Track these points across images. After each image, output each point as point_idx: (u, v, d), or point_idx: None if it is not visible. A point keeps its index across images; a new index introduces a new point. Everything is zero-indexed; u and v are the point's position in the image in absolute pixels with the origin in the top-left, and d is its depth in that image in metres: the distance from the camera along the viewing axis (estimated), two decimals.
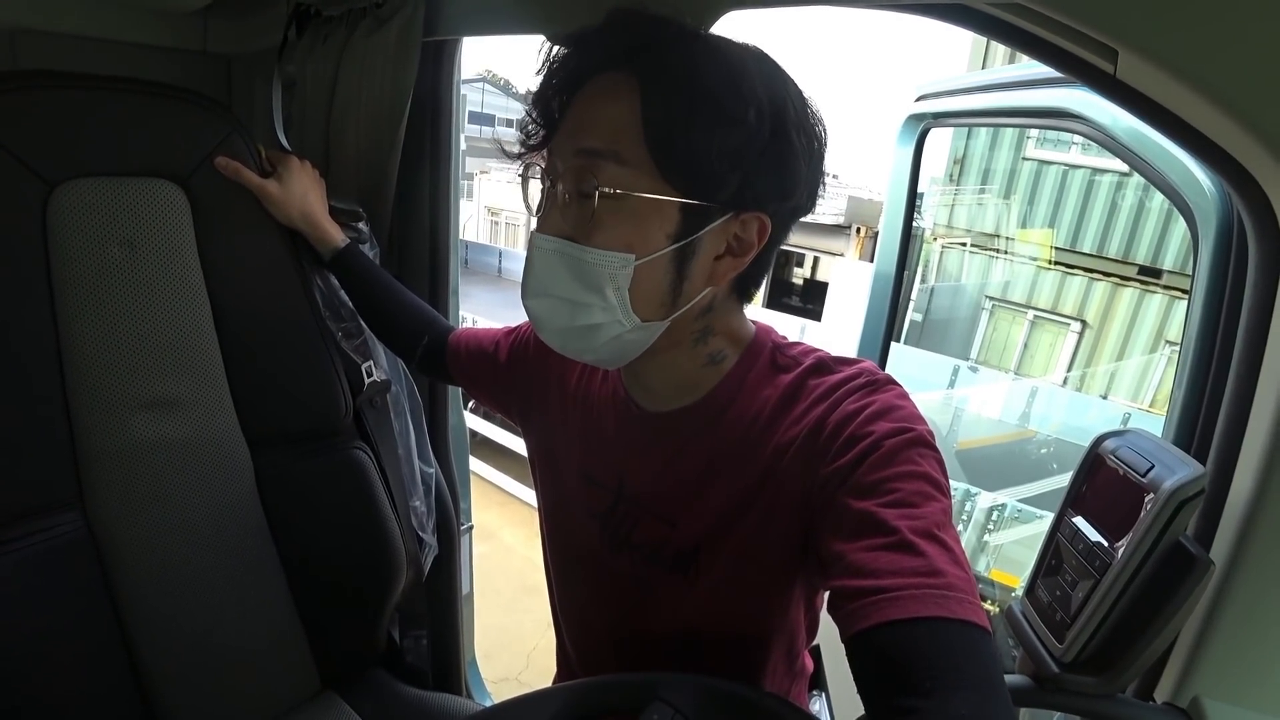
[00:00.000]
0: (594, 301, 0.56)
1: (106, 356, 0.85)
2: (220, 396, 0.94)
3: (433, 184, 1.17)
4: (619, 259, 0.55)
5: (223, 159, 0.89)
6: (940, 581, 0.43)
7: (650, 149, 0.53)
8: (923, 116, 1.38)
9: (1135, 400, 5.44)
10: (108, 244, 0.83)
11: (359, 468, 1.03)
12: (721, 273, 0.58)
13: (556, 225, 0.57)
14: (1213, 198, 0.71)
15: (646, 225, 0.55)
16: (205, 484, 0.94)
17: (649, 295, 0.57)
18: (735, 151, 0.53)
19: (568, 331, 0.60)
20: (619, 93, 0.54)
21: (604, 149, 0.54)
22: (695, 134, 0.52)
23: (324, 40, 1.13)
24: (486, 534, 5.19)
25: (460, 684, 1.43)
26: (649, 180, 0.54)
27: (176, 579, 0.92)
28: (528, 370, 0.80)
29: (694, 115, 0.52)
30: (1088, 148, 5.50)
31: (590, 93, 0.56)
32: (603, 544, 0.69)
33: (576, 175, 0.55)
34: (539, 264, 0.58)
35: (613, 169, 0.54)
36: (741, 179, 0.54)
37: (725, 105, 0.52)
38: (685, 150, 0.53)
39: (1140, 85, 0.51)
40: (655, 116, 0.53)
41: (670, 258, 0.56)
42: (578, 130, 0.56)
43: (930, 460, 0.51)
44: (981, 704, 0.39)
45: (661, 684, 0.53)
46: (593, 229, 0.55)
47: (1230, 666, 0.59)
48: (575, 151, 0.55)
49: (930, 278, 6.17)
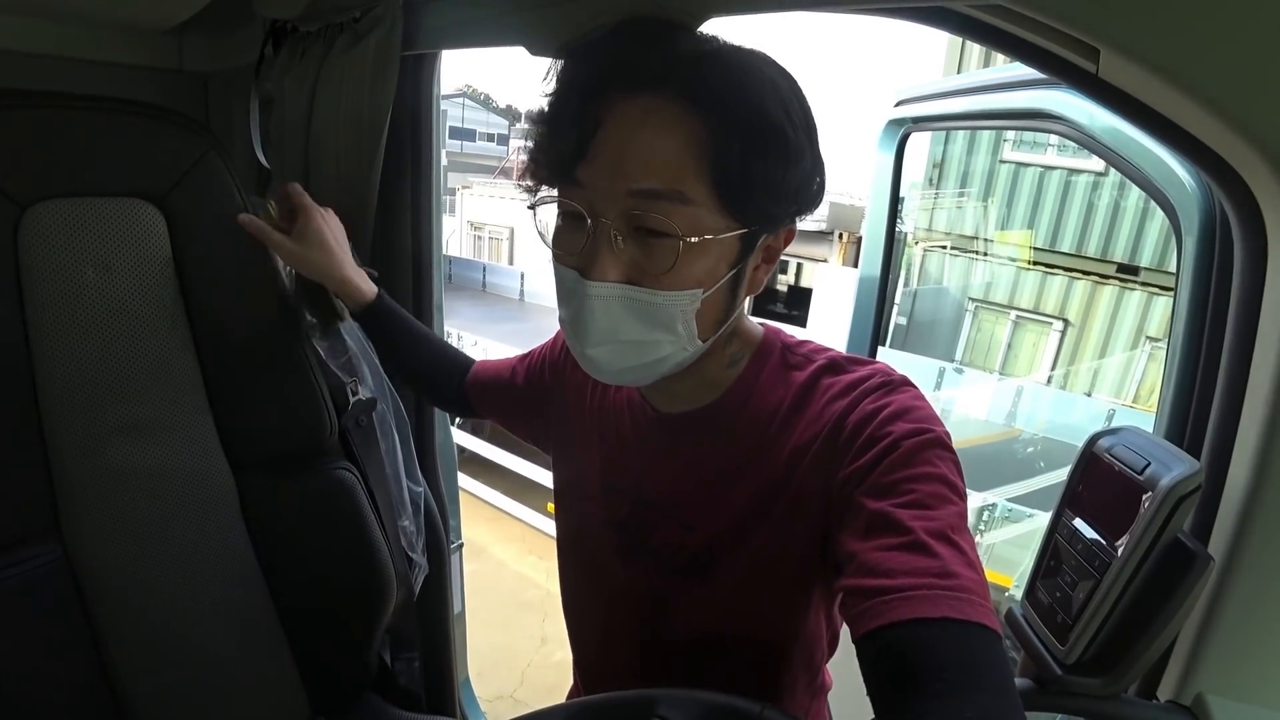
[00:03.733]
0: (663, 338, 0.56)
1: (82, 381, 0.83)
2: (202, 420, 0.92)
3: (414, 199, 1.16)
4: (689, 296, 0.54)
5: (245, 216, 0.87)
6: (954, 583, 0.43)
7: (715, 186, 0.51)
8: (902, 121, 1.39)
9: (1119, 396, 5.51)
10: (82, 266, 0.81)
11: (346, 489, 1.01)
12: (759, 279, 0.60)
13: (614, 270, 0.53)
14: (1194, 193, 0.72)
15: (712, 261, 0.54)
16: (187, 509, 0.91)
17: (710, 318, 0.58)
18: (798, 184, 0.54)
19: (628, 370, 0.59)
20: (667, 122, 0.51)
21: (666, 189, 0.51)
22: (770, 173, 0.52)
23: (301, 56, 1.12)
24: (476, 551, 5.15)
25: (454, 705, 1.41)
26: (715, 218, 0.52)
27: (159, 607, 0.90)
28: (546, 392, 0.81)
29: (766, 155, 0.51)
30: (1064, 149, 5.60)
31: (631, 120, 0.51)
32: (619, 554, 0.69)
33: (629, 216, 0.52)
34: (600, 313, 0.54)
35: (679, 211, 0.51)
36: (797, 206, 0.55)
37: (788, 138, 0.51)
38: (756, 189, 0.52)
39: (1122, 84, 0.51)
40: (726, 155, 0.50)
41: (729, 282, 0.57)
42: (626, 166, 0.51)
43: (948, 462, 0.51)
44: (993, 707, 0.39)
45: (660, 700, 0.52)
46: (662, 273, 0.53)
47: (1233, 662, 0.59)
48: (628, 192, 0.51)
49: (913, 281, 6.23)
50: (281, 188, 0.90)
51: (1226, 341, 0.59)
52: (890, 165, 1.43)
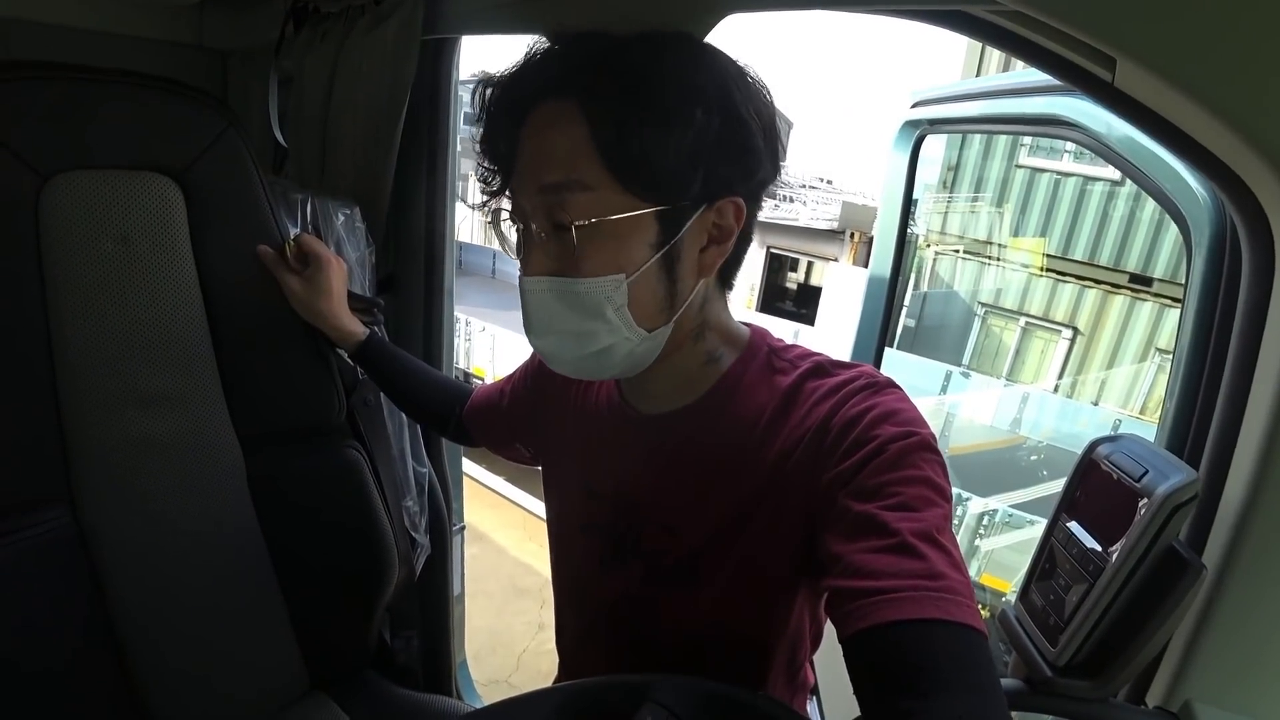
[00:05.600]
0: (598, 327, 0.57)
1: (98, 351, 0.84)
2: (213, 393, 0.93)
3: (429, 184, 1.16)
4: (611, 281, 0.55)
5: (264, 248, 0.91)
6: (940, 585, 0.43)
7: (609, 169, 0.53)
8: (918, 123, 1.39)
9: (1125, 407, 5.48)
10: (101, 238, 0.82)
11: (352, 467, 1.02)
12: (709, 263, 0.59)
13: (541, 264, 0.57)
14: (1206, 206, 0.72)
15: (628, 243, 0.55)
16: (196, 481, 0.93)
17: (648, 306, 0.57)
18: (691, 149, 0.53)
19: (581, 360, 0.60)
20: (563, 120, 0.54)
21: (564, 180, 0.54)
22: (648, 144, 0.52)
23: (322, 37, 1.13)
24: (477, 536, 5.17)
25: (451, 685, 1.42)
26: (617, 199, 0.54)
27: (166, 577, 0.91)
28: (530, 404, 0.82)
29: (642, 126, 0.52)
30: (1080, 156, 5.55)
31: (537, 125, 0.56)
32: (603, 560, 0.68)
33: (545, 212, 0.56)
34: (535, 305, 0.59)
35: (580, 198, 0.54)
36: (705, 173, 0.55)
37: (670, 107, 0.52)
38: (642, 161, 0.53)
39: (1138, 94, 0.51)
40: (605, 136, 0.53)
41: (658, 265, 0.56)
42: (534, 166, 0.56)
43: (933, 465, 0.51)
44: (979, 707, 0.39)
45: (655, 686, 0.53)
46: (578, 260, 0.55)
47: (1222, 671, 0.59)
48: (538, 189, 0.55)
49: (923, 284, 6.20)
50: (306, 239, 0.94)
51: (1230, 354, 0.60)
52: (904, 166, 1.42)
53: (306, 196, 1.02)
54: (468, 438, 0.94)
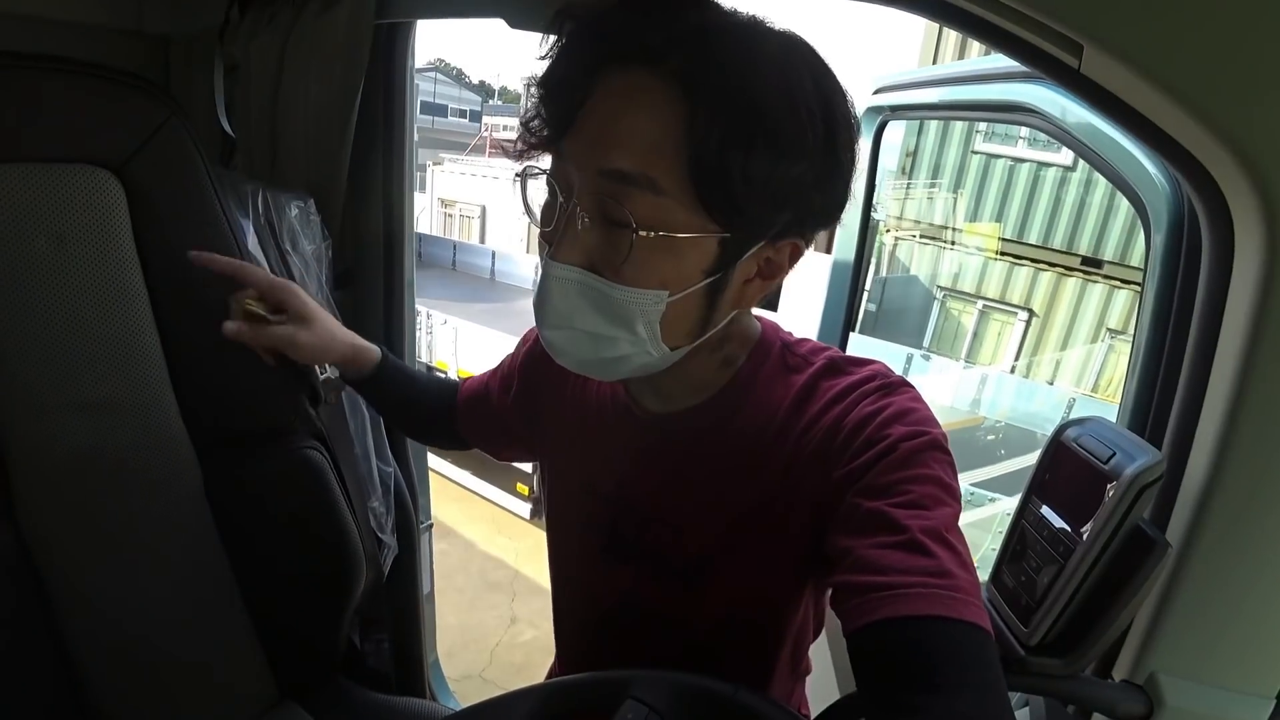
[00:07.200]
0: (621, 336, 0.52)
1: (35, 357, 0.79)
2: (163, 398, 0.89)
3: (386, 174, 1.13)
4: (652, 296, 0.50)
5: (230, 326, 0.81)
6: (949, 583, 0.43)
7: (692, 178, 0.46)
8: (880, 109, 1.40)
9: (1079, 386, 5.66)
10: (33, 236, 0.77)
11: (314, 468, 0.99)
12: (751, 296, 0.55)
13: (575, 253, 0.50)
14: (1163, 189, 0.73)
15: (683, 262, 0.50)
16: (148, 490, 0.88)
17: (679, 326, 0.54)
18: (793, 186, 0.48)
19: (589, 362, 0.56)
20: (654, 102, 0.46)
21: (635, 173, 0.47)
22: (752, 168, 0.46)
23: (269, 21, 1.08)
24: (444, 531, 5.12)
25: (423, 686, 1.40)
26: (688, 215, 0.48)
27: (118, 590, 0.87)
28: (520, 398, 0.78)
29: (752, 148, 0.45)
30: (1034, 142, 5.68)
31: (616, 93, 0.47)
32: (605, 559, 0.67)
33: (598, 198, 0.49)
34: (557, 294, 0.52)
35: (648, 200, 0.47)
36: (793, 214, 0.50)
37: (785, 132, 0.46)
38: (740, 185, 0.46)
39: (1103, 80, 0.51)
40: (704, 143, 0.45)
41: (704, 290, 0.52)
42: (601, 142, 0.48)
43: (944, 465, 0.51)
44: (982, 704, 0.40)
45: (635, 681, 0.52)
46: (622, 265, 0.49)
47: (1185, 643, 0.61)
48: (600, 171, 0.48)
49: (884, 269, 6.30)
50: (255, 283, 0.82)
51: (1190, 336, 0.61)
52: (867, 152, 1.43)
53: (258, 188, 0.98)
54: (463, 444, 0.90)
